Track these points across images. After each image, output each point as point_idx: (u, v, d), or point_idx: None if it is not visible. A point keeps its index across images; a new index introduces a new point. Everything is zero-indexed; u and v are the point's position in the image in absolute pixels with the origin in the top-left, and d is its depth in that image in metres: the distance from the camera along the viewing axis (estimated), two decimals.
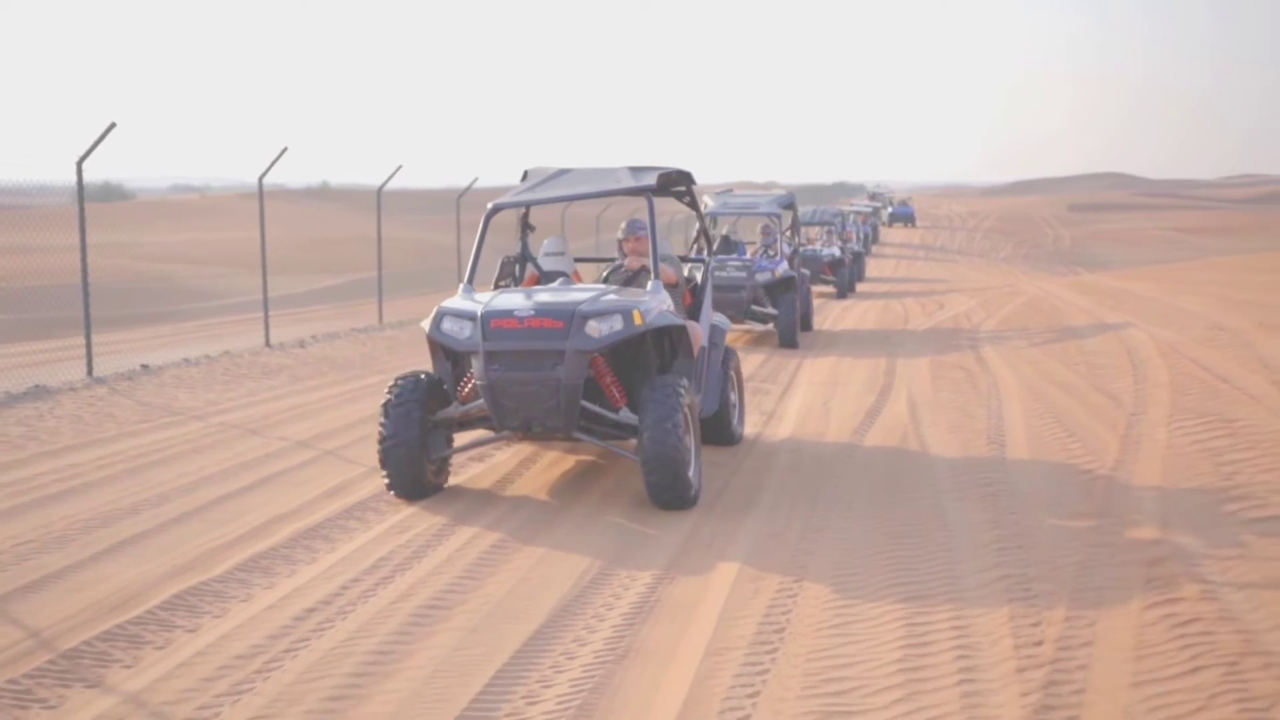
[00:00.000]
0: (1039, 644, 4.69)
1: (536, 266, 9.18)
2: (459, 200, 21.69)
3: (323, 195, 64.27)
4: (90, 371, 12.12)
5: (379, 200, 18.56)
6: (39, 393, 11.17)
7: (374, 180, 21.52)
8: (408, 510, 7.16)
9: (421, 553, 6.28)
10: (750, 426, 9.66)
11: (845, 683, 4.45)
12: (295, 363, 13.89)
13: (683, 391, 7.21)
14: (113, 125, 11.96)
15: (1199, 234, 69.45)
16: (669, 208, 13.42)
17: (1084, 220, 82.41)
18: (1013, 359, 13.39)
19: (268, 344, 15.25)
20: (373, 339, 16.67)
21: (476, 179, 22.17)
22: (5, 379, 11.68)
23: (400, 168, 18.41)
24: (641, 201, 8.58)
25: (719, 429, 8.82)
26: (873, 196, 79.87)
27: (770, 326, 16.63)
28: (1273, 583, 5.19)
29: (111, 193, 60.82)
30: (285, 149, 15.42)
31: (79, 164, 11.97)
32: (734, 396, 9.12)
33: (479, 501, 7.44)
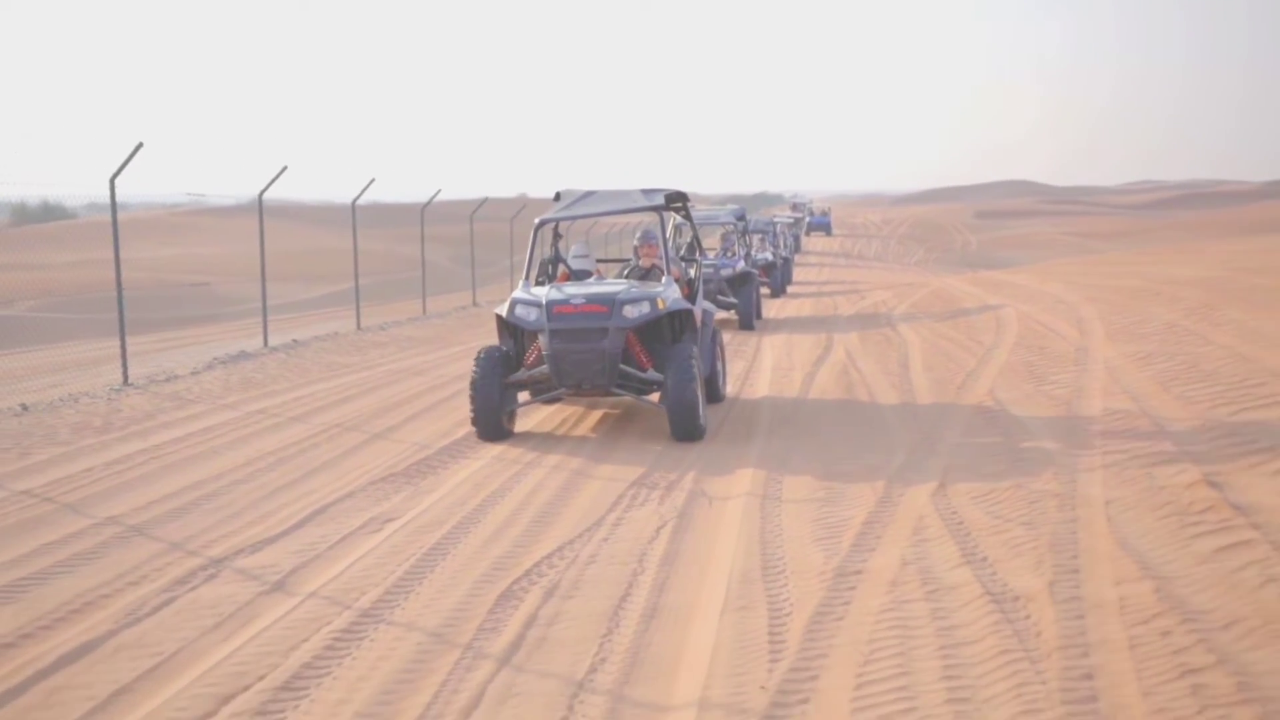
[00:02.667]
0: (925, 436, 9.78)
1: (567, 265, 11.68)
2: (471, 216, 26.37)
3: (267, 211, 65.20)
4: (266, 342, 16.80)
5: (422, 216, 23.24)
6: (243, 355, 15.83)
7: (313, 196, 25.34)
8: (499, 447, 9.71)
9: (536, 461, 10.03)
10: (733, 375, 13.70)
11: (831, 462, 9.40)
12: (390, 339, 18.62)
13: (694, 356, 9.60)
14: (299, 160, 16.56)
15: (1095, 238, 75.90)
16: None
17: (990, 226, 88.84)
18: (917, 328, 18.53)
19: (359, 327, 19.98)
20: (429, 325, 21.44)
21: (486, 198, 26.85)
22: (201, 351, 16.30)
23: (439, 191, 23.11)
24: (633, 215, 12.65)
25: (709, 388, 10.78)
26: (794, 207, 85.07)
27: (732, 314, 21.59)
28: (1028, 400, 10.29)
29: (52, 212, 60.71)
30: (372, 181, 20.09)
31: (259, 195, 16.59)
32: (719, 365, 11.41)
33: (548, 442, 9.88)
